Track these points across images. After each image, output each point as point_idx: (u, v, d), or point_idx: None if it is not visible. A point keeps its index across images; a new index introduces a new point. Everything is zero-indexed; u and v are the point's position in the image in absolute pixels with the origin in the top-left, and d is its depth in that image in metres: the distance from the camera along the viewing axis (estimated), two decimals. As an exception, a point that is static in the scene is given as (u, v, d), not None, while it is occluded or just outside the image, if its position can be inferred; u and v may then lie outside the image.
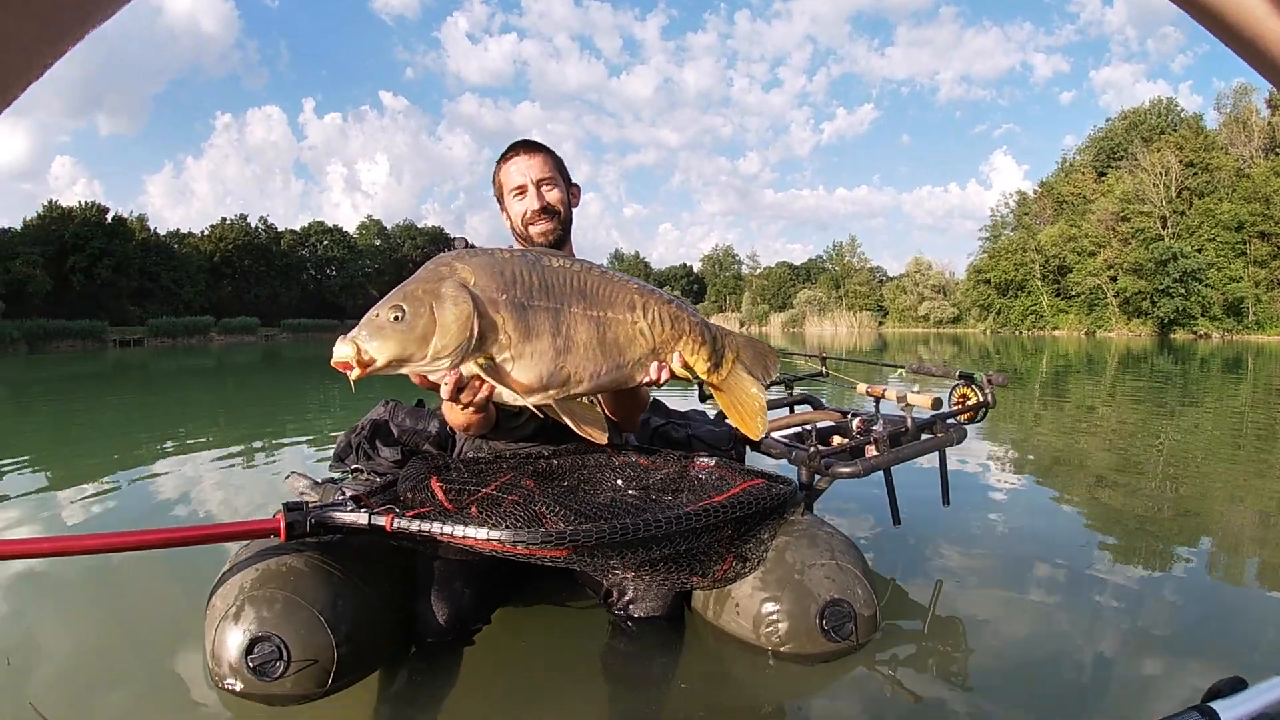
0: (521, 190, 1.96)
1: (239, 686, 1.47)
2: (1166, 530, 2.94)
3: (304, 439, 5.36)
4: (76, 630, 2.00)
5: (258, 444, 5.15)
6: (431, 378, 1.36)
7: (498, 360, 1.35)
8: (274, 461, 4.47)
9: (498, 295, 1.34)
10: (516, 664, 1.78)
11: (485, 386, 1.37)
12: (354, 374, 1.28)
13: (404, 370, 1.33)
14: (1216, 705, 0.83)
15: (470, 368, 1.34)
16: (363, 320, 1.31)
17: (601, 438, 1.47)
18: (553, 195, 1.96)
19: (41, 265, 40.58)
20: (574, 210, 2.06)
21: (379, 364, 1.28)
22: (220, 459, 4.53)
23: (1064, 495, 3.59)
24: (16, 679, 1.69)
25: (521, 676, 1.72)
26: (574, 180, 2.07)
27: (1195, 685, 1.59)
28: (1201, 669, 1.71)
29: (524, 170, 1.95)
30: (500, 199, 2.03)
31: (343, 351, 1.27)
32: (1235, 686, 0.86)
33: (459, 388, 1.36)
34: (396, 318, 1.29)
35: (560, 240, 1.97)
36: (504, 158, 2.00)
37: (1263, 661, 1.79)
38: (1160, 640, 1.92)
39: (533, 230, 1.95)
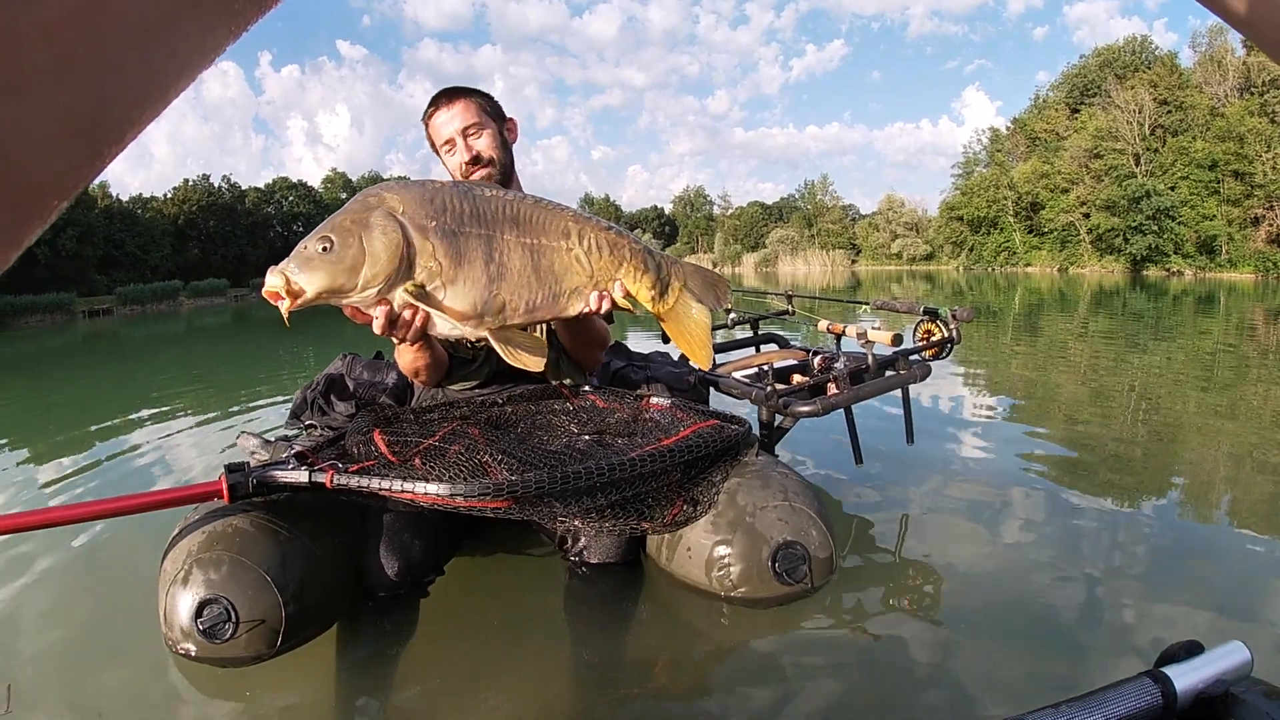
0: (450, 144, 1.92)
1: (193, 650, 1.46)
2: (1135, 472, 2.88)
3: (279, 397, 5.27)
4: (34, 606, 1.95)
5: (233, 406, 5.07)
6: (363, 308, 1.33)
7: (429, 288, 1.32)
8: (252, 421, 4.39)
9: (427, 222, 1.31)
10: (470, 615, 1.76)
11: (419, 316, 1.34)
12: (284, 304, 1.25)
13: (335, 301, 1.30)
14: (1170, 670, 0.79)
15: (402, 296, 1.31)
16: (292, 252, 1.28)
17: (538, 366, 1.44)
18: (480, 142, 1.91)
19: (1, 238, 39.32)
20: (514, 146, 2.00)
21: (308, 295, 1.25)
22: (197, 423, 4.45)
23: (1031, 433, 3.57)
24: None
25: (475, 627, 1.71)
26: (509, 115, 2.00)
27: (1154, 636, 1.58)
28: (1162, 618, 1.68)
29: (448, 122, 1.91)
30: (437, 154, 2.00)
31: (272, 282, 1.24)
32: (1191, 650, 0.82)
33: (392, 319, 1.34)
34: (325, 249, 1.26)
35: (503, 184, 1.91)
36: (427, 114, 1.95)
37: (1224, 624, 1.68)
38: (1124, 589, 1.86)
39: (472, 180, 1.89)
